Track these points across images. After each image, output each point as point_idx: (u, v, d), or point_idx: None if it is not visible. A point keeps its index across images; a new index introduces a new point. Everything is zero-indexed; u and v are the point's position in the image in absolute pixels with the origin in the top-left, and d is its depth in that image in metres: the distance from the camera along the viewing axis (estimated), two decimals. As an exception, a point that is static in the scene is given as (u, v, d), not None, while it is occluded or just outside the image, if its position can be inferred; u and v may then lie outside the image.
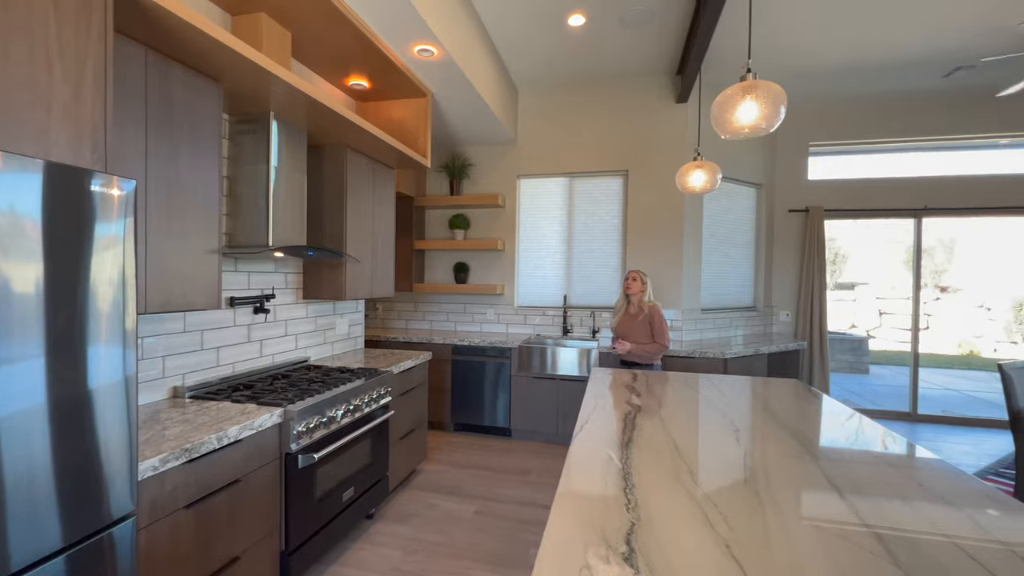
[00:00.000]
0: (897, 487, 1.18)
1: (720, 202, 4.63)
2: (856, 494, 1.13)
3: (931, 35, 3.48)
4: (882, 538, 0.93)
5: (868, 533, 0.95)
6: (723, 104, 1.45)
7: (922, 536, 0.95)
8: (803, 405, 1.98)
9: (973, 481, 1.23)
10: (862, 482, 1.20)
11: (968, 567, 0.84)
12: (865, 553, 0.88)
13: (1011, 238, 4.94)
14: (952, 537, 0.95)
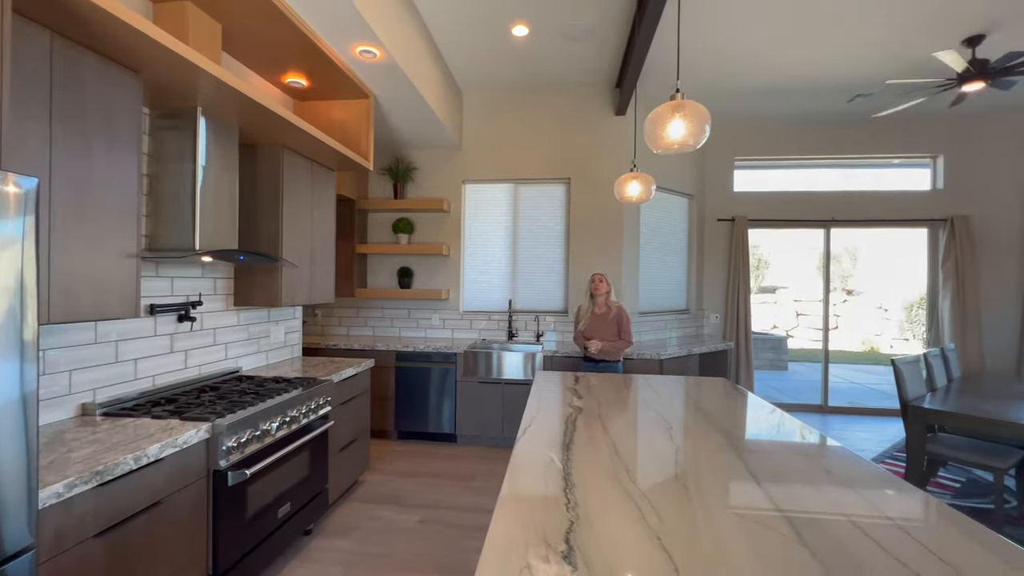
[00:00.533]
0: (807, 474, 1.31)
1: (656, 211, 4.87)
2: (772, 482, 1.24)
3: (837, 65, 3.87)
4: (792, 521, 1.03)
5: (781, 517, 1.05)
6: (654, 121, 1.54)
7: (826, 517, 1.05)
8: (730, 402, 2.13)
9: (869, 465, 1.38)
10: (778, 471, 1.32)
11: (861, 541, 0.95)
12: (778, 535, 0.97)
13: (903, 247, 5.58)
14: (850, 516, 1.06)
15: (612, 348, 3.32)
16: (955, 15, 3.15)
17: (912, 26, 3.29)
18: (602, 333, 3.35)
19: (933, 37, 3.40)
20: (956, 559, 0.90)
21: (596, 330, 3.38)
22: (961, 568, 0.87)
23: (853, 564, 0.87)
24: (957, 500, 3.05)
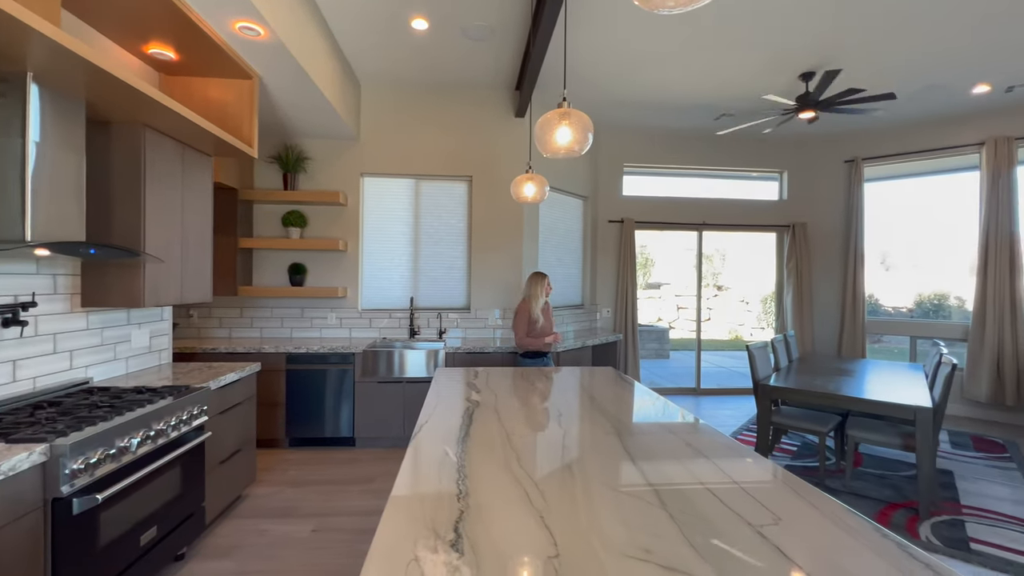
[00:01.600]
0: (674, 450, 1.48)
1: (554, 211, 5.11)
2: (645, 460, 1.39)
3: (707, 86, 4.38)
4: (659, 492, 1.17)
5: (650, 490, 1.18)
6: (543, 126, 1.64)
7: (686, 486, 1.21)
8: (616, 390, 2.32)
9: (726, 439, 1.60)
10: (650, 449, 1.48)
11: (711, 502, 1.11)
12: (646, 505, 1.10)
13: (759, 248, 6.50)
14: (706, 483, 1.23)
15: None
16: (793, 54, 3.74)
17: (762, 60, 3.84)
18: (548, 329, 3.64)
19: (778, 71, 4.00)
20: (779, 508, 1.09)
21: (548, 326, 3.66)
22: (781, 514, 1.06)
23: (703, 521, 1.02)
24: (794, 461, 3.64)
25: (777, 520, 1.04)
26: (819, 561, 0.88)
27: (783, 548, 0.93)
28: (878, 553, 0.91)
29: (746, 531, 0.99)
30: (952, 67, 3.92)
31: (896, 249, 6.11)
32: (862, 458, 3.66)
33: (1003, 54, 3.70)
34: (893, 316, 6.27)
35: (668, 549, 0.91)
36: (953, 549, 2.43)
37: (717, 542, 0.94)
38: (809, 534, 0.98)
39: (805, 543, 0.95)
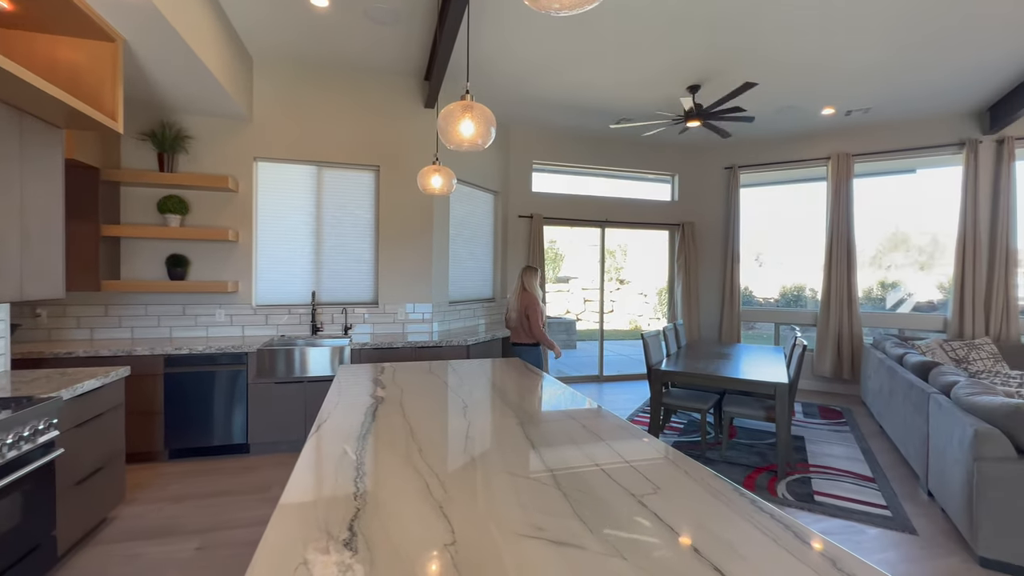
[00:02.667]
0: (573, 435, 1.58)
1: (465, 205, 5.11)
2: (545, 445, 1.46)
3: (607, 92, 4.64)
4: (556, 475, 1.24)
5: (548, 474, 1.25)
6: (447, 118, 1.63)
7: (581, 467, 1.30)
8: (523, 381, 2.40)
9: (620, 422, 1.73)
10: (551, 435, 1.56)
11: (605, 481, 1.20)
12: (543, 487, 1.16)
13: (655, 244, 7.06)
14: (600, 464, 1.33)
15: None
16: (680, 69, 4.10)
17: (654, 72, 4.16)
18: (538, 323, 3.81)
19: (668, 83, 4.37)
20: (660, 480, 1.21)
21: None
22: (660, 485, 1.18)
23: (592, 497, 1.10)
24: (681, 437, 4.03)
25: (656, 489, 1.16)
26: (686, 519, 1.00)
27: (658, 512, 1.03)
28: (734, 509, 1.06)
29: (629, 501, 1.09)
30: (804, 92, 4.56)
31: (766, 247, 6.99)
32: (736, 431, 4.15)
33: (841, 83, 4.37)
34: (763, 306, 7.17)
35: (560, 525, 0.97)
36: (802, 502, 2.87)
37: (603, 513, 1.02)
38: (681, 498, 1.11)
39: (677, 506, 1.07)
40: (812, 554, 0.88)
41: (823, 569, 0.83)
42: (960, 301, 4.98)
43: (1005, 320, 4.79)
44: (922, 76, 4.21)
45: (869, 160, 5.54)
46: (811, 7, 3.18)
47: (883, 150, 5.43)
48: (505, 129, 5.65)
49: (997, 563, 2.22)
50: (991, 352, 4.38)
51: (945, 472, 2.59)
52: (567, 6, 0.92)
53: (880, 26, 3.42)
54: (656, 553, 0.88)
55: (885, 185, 6.04)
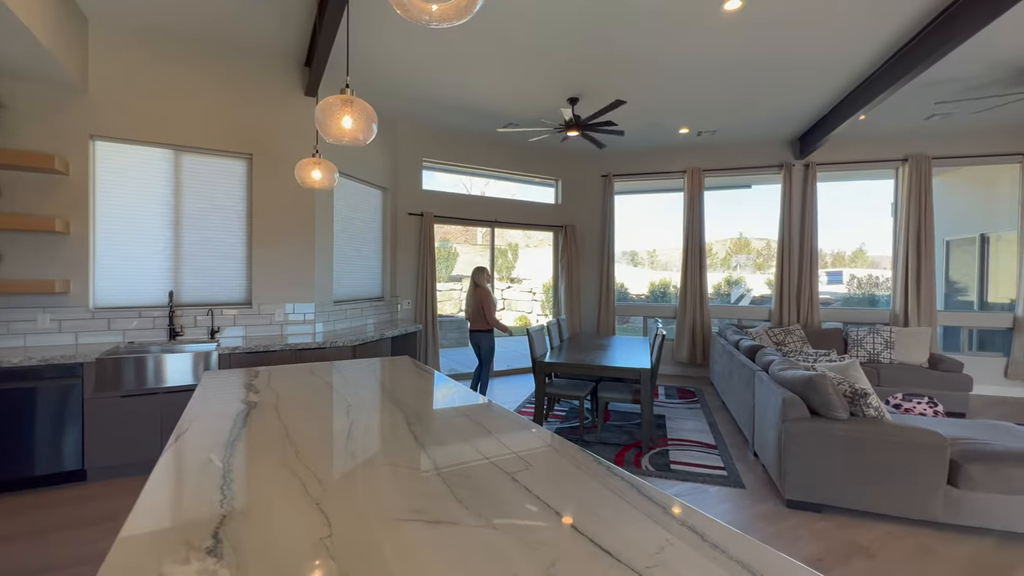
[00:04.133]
0: (455, 426, 1.65)
1: (351, 200, 4.92)
2: (426, 435, 1.52)
3: (495, 97, 4.80)
4: (437, 462, 1.30)
5: (430, 462, 1.30)
6: (325, 111, 1.59)
7: (465, 457, 1.37)
8: (411, 378, 2.41)
9: (507, 414, 1.84)
10: (436, 429, 1.61)
11: (494, 473, 1.29)
12: (424, 475, 1.21)
13: (543, 244, 7.46)
14: (489, 457, 1.40)
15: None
16: (560, 81, 4.40)
17: (535, 83, 4.41)
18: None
19: (550, 94, 4.66)
20: (537, 461, 1.33)
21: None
22: (533, 464, 1.30)
23: (473, 480, 1.19)
24: (563, 424, 4.35)
25: (528, 467, 1.28)
26: (550, 487, 1.13)
27: (528, 486, 1.15)
28: (592, 476, 1.22)
29: (504, 479, 1.19)
30: (665, 113, 5.19)
31: (640, 248, 7.78)
32: (610, 414, 4.59)
33: (693, 110, 5.06)
34: (635, 301, 7.97)
35: (438, 507, 1.04)
36: (661, 471, 3.29)
37: (480, 492, 1.11)
38: (549, 472, 1.24)
39: (544, 478, 1.20)
40: (650, 505, 1.07)
41: (656, 515, 1.02)
42: (780, 295, 6.07)
43: (811, 309, 5.94)
44: (753, 110, 5.05)
45: (716, 175, 6.46)
46: (657, 54, 3.65)
47: (726, 167, 6.38)
48: (393, 125, 5.54)
49: (799, 503, 2.78)
50: (800, 336, 5.41)
51: (765, 434, 3.17)
52: (437, 19, 0.98)
53: (719, 74, 4.03)
54: (523, 520, 0.99)
55: (731, 197, 7.11)
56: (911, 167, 5.63)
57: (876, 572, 2.22)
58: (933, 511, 2.52)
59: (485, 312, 4.65)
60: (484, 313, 4.65)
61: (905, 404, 3.84)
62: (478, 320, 4.71)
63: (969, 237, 6.65)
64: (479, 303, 4.68)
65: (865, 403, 2.74)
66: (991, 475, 2.41)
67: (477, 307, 4.70)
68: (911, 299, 5.58)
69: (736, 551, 0.89)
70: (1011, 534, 2.50)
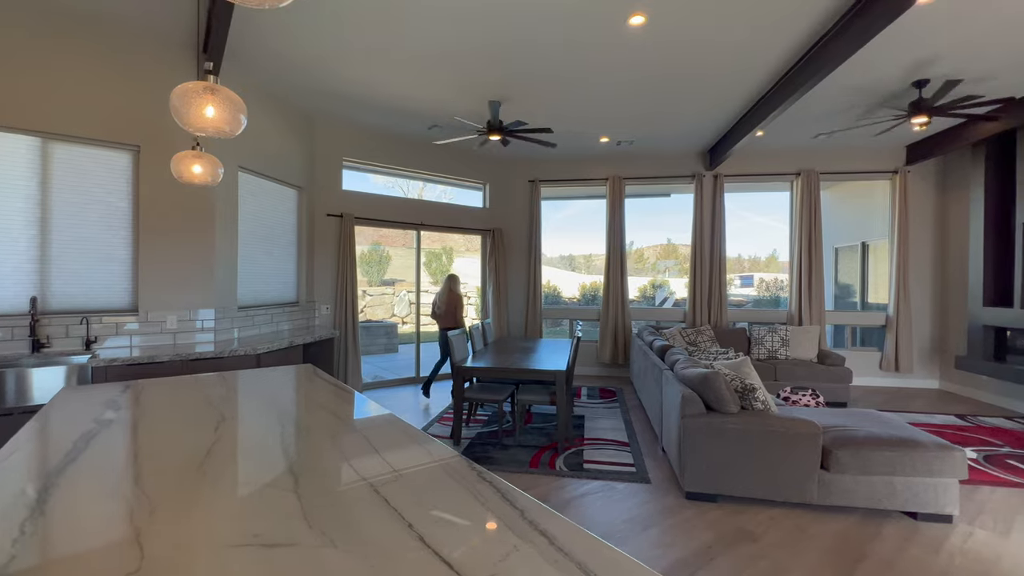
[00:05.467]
0: (342, 444, 1.56)
1: (261, 199, 4.62)
2: (296, 448, 1.42)
3: (419, 97, 4.71)
4: (297, 477, 1.22)
5: (290, 477, 1.22)
6: (183, 97, 1.45)
7: (339, 479, 1.29)
8: (306, 388, 2.27)
9: (400, 425, 1.77)
10: (314, 444, 1.52)
11: (361, 489, 1.22)
12: (280, 493, 1.13)
13: (472, 248, 7.43)
14: (361, 472, 1.33)
15: None
16: (482, 84, 4.41)
17: (454, 85, 4.39)
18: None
19: (470, 97, 4.65)
20: (412, 474, 1.29)
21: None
22: (405, 476, 1.26)
23: (335, 502, 1.12)
24: (484, 428, 4.32)
25: (397, 479, 1.23)
26: (414, 500, 1.09)
27: (390, 499, 1.10)
28: (462, 484, 1.19)
29: (368, 494, 1.14)
30: (586, 122, 5.36)
31: (576, 252, 7.95)
32: (532, 416, 4.63)
33: (611, 120, 5.26)
34: (569, 304, 8.14)
35: (280, 528, 0.96)
36: (574, 470, 3.35)
37: (332, 508, 1.05)
38: (419, 484, 1.20)
39: (411, 491, 1.15)
40: (510, 511, 1.05)
41: (512, 520, 1.01)
42: (693, 297, 6.45)
43: (720, 311, 6.36)
44: (666, 123, 5.33)
45: (636, 183, 6.77)
46: (571, 64, 3.76)
47: (645, 176, 6.70)
48: (309, 121, 5.27)
49: (697, 494, 2.94)
50: (710, 335, 5.77)
51: (670, 430, 3.33)
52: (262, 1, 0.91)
53: (631, 86, 4.21)
54: (371, 536, 0.94)
55: (659, 205, 7.50)
56: (803, 180, 6.21)
57: (758, 555, 2.38)
58: (809, 494, 2.76)
59: (456, 315, 5.50)
60: (456, 315, 5.50)
61: (793, 396, 4.21)
62: (448, 319, 5.48)
63: (853, 245, 7.45)
64: (453, 305, 5.51)
65: (753, 397, 2.95)
66: (855, 459, 2.68)
67: (450, 308, 5.50)
68: (804, 301, 6.14)
69: (581, 554, 0.89)
70: (872, 511, 2.79)
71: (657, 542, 2.48)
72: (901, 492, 2.68)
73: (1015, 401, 5.07)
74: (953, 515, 2.67)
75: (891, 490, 2.68)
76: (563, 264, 10.83)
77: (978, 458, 3.63)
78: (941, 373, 6.10)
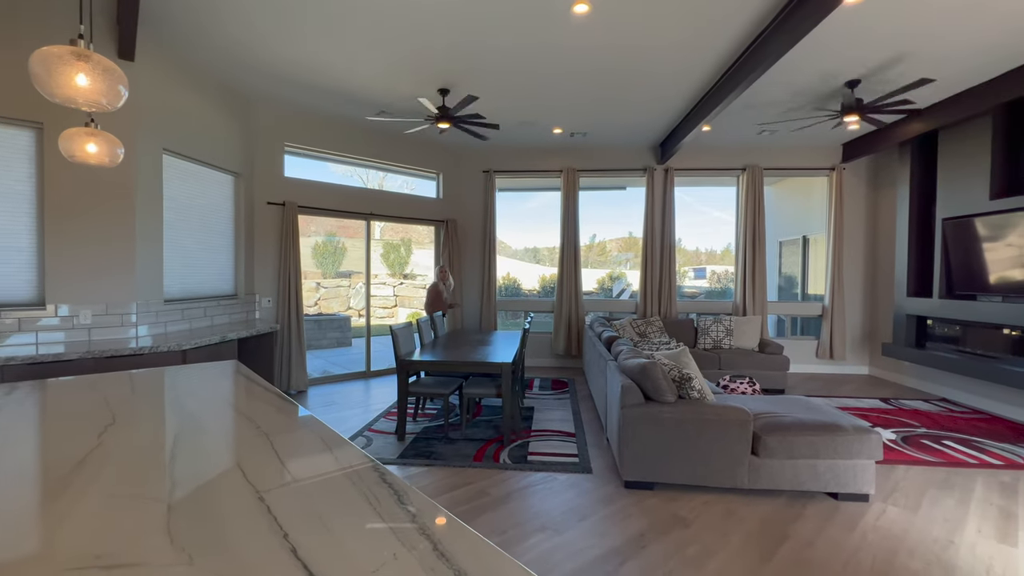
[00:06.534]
0: (241, 449, 1.45)
1: (191, 185, 4.33)
2: (189, 468, 1.31)
3: (366, 81, 4.52)
4: (176, 485, 1.11)
5: (169, 488, 1.11)
6: (45, 62, 1.26)
7: (221, 487, 1.19)
8: (219, 387, 2.13)
9: (316, 426, 1.67)
10: (207, 449, 1.41)
11: (243, 497, 1.13)
12: (148, 504, 1.02)
13: (422, 239, 7.29)
14: (251, 479, 1.24)
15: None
16: (429, 70, 4.27)
17: (402, 69, 4.23)
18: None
19: (419, 82, 4.50)
20: (308, 478, 1.20)
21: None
22: (300, 481, 1.17)
23: (209, 513, 1.02)
24: (433, 422, 4.25)
25: (289, 484, 1.14)
26: (300, 508, 1.01)
27: (273, 507, 1.02)
28: (359, 488, 1.12)
29: (250, 503, 1.05)
30: (537, 111, 5.30)
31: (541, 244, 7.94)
32: (483, 409, 4.59)
33: (563, 111, 5.24)
34: (528, 296, 8.14)
35: (132, 546, 0.86)
36: (517, 463, 3.34)
37: (206, 521, 0.96)
38: (312, 489, 1.12)
39: (301, 497, 1.07)
40: (402, 515, 0.99)
41: (400, 526, 0.95)
42: (645, 288, 6.57)
43: (670, 302, 6.51)
44: (618, 115, 5.36)
45: (590, 176, 6.79)
46: (519, 53, 3.69)
47: (599, 168, 6.73)
48: (245, 102, 4.97)
49: (635, 483, 2.98)
50: (659, 326, 5.90)
51: (612, 420, 3.36)
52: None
53: (581, 77, 4.18)
54: (239, 550, 0.86)
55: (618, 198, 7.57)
56: (748, 176, 6.41)
57: (690, 539, 2.44)
58: (740, 479, 2.84)
59: (436, 304, 5.68)
60: (436, 304, 5.68)
61: (731, 385, 4.35)
62: (429, 309, 5.70)
63: (796, 238, 7.78)
64: (431, 296, 5.74)
65: (690, 386, 3.01)
66: (782, 444, 2.78)
67: (429, 299, 5.75)
68: (748, 292, 6.37)
69: (461, 559, 0.85)
70: (797, 493, 2.91)
71: (592, 531, 2.50)
72: (824, 474, 2.81)
73: (933, 385, 5.45)
74: (870, 494, 2.83)
75: (814, 473, 2.81)
76: (527, 257, 10.81)
77: (897, 439, 3.87)
78: (870, 359, 6.49)
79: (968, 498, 2.89)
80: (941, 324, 5.34)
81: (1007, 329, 4.58)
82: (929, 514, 2.70)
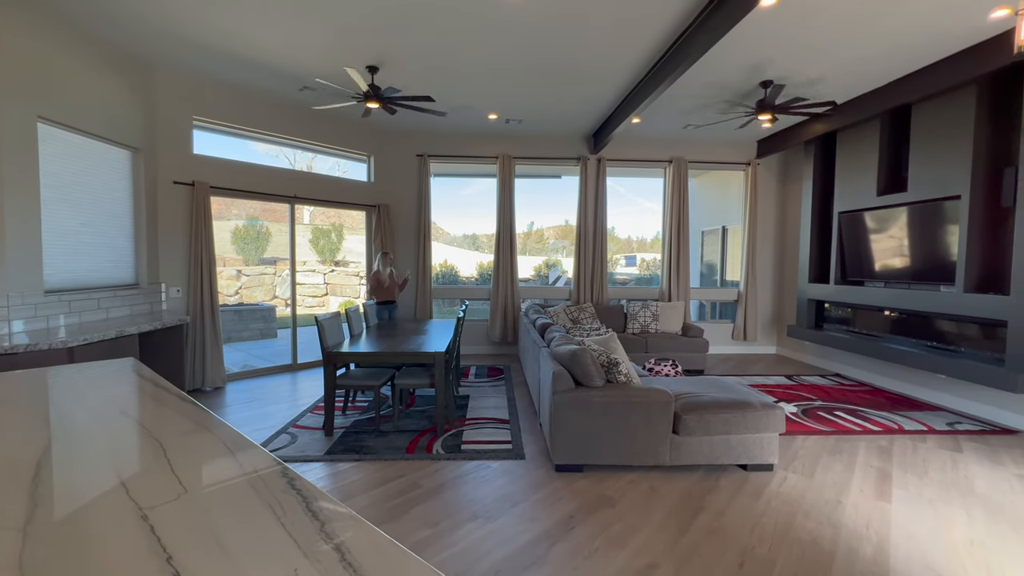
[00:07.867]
0: (126, 461, 1.30)
1: (76, 160, 3.81)
2: (62, 487, 1.15)
3: (287, 53, 4.17)
4: (29, 527, 0.97)
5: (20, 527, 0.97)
6: None
7: (97, 506, 1.06)
8: (121, 392, 1.90)
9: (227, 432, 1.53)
10: (84, 464, 1.25)
11: (124, 515, 1.00)
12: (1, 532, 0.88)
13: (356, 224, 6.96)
14: (134, 496, 1.11)
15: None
16: (355, 44, 4.02)
17: (328, 40, 3.96)
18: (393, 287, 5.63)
19: (347, 57, 4.24)
20: (201, 491, 1.09)
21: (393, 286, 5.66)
22: (192, 494, 1.06)
23: (77, 536, 0.90)
24: (362, 415, 4.11)
25: (179, 497, 1.04)
26: (192, 524, 0.92)
27: (158, 526, 0.92)
28: (263, 496, 1.04)
29: (131, 522, 0.93)
30: (472, 95, 5.19)
31: (480, 231, 7.82)
32: (417, 399, 4.51)
33: (497, 95, 5.17)
34: (466, 284, 8.04)
35: (-25, 585, 0.74)
36: (451, 453, 3.31)
37: (71, 546, 0.84)
38: (209, 503, 1.02)
39: (192, 513, 0.97)
40: (309, 525, 0.93)
41: (306, 537, 0.88)
42: (578, 275, 6.73)
43: (601, 289, 6.72)
44: (552, 104, 5.37)
45: (526, 163, 6.80)
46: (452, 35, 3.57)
47: (534, 156, 6.75)
48: (146, 69, 4.43)
49: (565, 466, 3.06)
50: (591, 313, 6.08)
51: (544, 406, 3.42)
52: None
53: (515, 63, 4.13)
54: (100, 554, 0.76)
55: (554, 186, 7.63)
56: (674, 168, 6.72)
57: (615, 517, 2.54)
58: (663, 457, 3.01)
59: (381, 290, 5.63)
60: (381, 290, 5.63)
61: (656, 367, 4.59)
62: (379, 295, 5.64)
63: (716, 228, 8.29)
64: (373, 283, 5.65)
65: (617, 371, 3.13)
66: (699, 422, 2.97)
67: (372, 285, 5.66)
68: (673, 279, 6.72)
69: (371, 569, 0.80)
70: (712, 466, 3.13)
71: (524, 516, 2.54)
72: (735, 448, 3.04)
73: (829, 362, 6.07)
74: (774, 464, 3.10)
75: (727, 447, 3.03)
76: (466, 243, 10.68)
77: (798, 412, 4.28)
78: (778, 340, 7.11)
79: (853, 462, 3.26)
80: (836, 307, 5.94)
81: (887, 311, 5.19)
82: (822, 479, 3.01)
